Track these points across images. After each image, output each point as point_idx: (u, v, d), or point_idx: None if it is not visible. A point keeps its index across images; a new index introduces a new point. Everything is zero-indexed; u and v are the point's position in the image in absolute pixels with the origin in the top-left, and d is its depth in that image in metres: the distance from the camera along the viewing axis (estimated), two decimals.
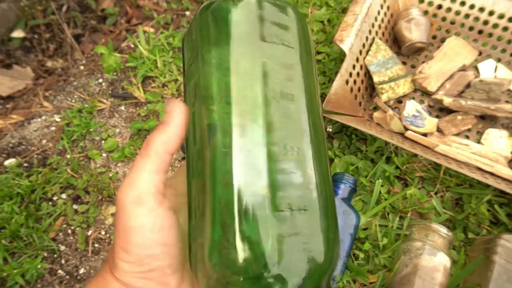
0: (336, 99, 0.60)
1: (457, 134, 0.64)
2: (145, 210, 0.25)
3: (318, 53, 0.74)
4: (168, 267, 0.26)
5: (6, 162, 0.69)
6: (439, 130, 0.64)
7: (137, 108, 0.73)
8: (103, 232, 0.62)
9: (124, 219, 0.25)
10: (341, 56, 0.71)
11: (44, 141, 0.72)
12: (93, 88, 0.78)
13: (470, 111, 0.63)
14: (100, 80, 0.79)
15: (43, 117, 0.76)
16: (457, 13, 0.71)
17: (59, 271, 0.59)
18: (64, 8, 0.97)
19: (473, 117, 0.63)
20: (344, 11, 0.78)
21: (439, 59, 0.68)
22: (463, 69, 0.68)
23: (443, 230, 0.50)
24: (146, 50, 0.77)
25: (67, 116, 0.74)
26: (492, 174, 0.57)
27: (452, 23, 0.72)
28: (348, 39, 0.63)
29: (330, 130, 0.66)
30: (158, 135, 0.26)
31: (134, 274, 0.26)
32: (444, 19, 0.72)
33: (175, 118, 0.26)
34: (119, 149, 0.68)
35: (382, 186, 0.59)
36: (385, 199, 0.58)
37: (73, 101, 0.77)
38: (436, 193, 0.59)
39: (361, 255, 0.54)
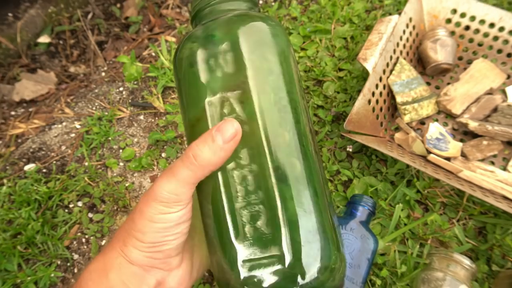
0: (358, 119, 0.59)
1: (482, 160, 0.62)
2: (176, 209, 0.28)
3: (340, 70, 0.73)
4: (174, 250, 0.29)
5: (26, 167, 0.70)
6: (463, 154, 0.62)
7: (156, 118, 0.74)
8: None
9: (154, 209, 0.27)
10: (363, 74, 0.70)
11: (63, 148, 0.73)
12: (113, 96, 0.79)
13: (496, 137, 0.61)
14: (121, 89, 0.80)
15: (64, 123, 0.77)
16: (486, 35, 0.69)
17: (72, 280, 0.59)
18: (89, 16, 0.99)
19: (499, 143, 0.61)
20: (368, 28, 0.77)
21: (465, 81, 0.66)
22: (490, 92, 0.66)
23: (467, 261, 0.48)
24: (167, 60, 0.78)
25: (87, 123, 0.74)
26: None
27: (480, 44, 0.70)
28: (372, 58, 0.62)
29: (350, 150, 0.64)
30: (209, 156, 0.27)
31: (142, 253, 0.28)
32: (471, 40, 0.70)
33: (231, 144, 0.27)
34: (136, 159, 0.68)
35: (402, 210, 0.57)
36: (405, 224, 0.56)
37: (94, 108, 0.78)
38: (458, 221, 0.57)
39: (378, 282, 0.52)
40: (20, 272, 0.58)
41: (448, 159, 0.61)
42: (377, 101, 0.62)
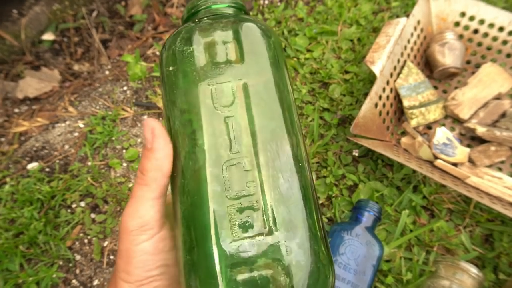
0: (364, 123, 0.58)
1: (490, 166, 0.61)
2: (148, 236, 0.26)
3: (346, 72, 0.72)
4: (166, 286, 0.27)
5: (29, 166, 0.70)
6: (470, 160, 0.61)
7: (160, 119, 0.73)
8: None
9: (127, 244, 0.26)
10: (370, 76, 0.70)
11: (66, 147, 0.73)
12: (117, 95, 0.78)
13: (504, 142, 0.60)
14: (125, 88, 0.80)
15: (67, 122, 0.76)
16: (495, 39, 0.68)
17: (73, 281, 0.58)
18: (94, 13, 0.98)
19: (507, 149, 0.60)
20: (375, 30, 0.76)
21: (473, 85, 0.65)
22: (499, 97, 0.65)
23: (473, 270, 0.48)
24: None
25: (90, 122, 0.74)
26: None
27: (489, 48, 0.69)
28: (380, 61, 0.61)
29: (356, 154, 0.64)
30: (150, 163, 0.26)
31: None
32: (480, 44, 0.69)
33: (157, 141, 0.26)
34: (139, 159, 0.68)
35: (408, 216, 0.56)
36: (411, 231, 0.56)
37: (98, 107, 0.77)
38: (465, 228, 0.57)
39: None
40: (22, 272, 0.58)
41: (455, 164, 0.60)
42: (384, 105, 0.62)
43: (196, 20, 0.29)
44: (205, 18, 0.28)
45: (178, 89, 0.27)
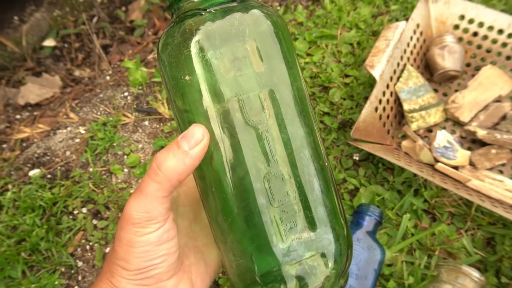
0: (365, 127, 0.58)
1: (491, 169, 0.61)
2: (153, 229, 0.26)
3: (346, 76, 0.72)
4: (166, 273, 0.27)
5: (31, 173, 0.70)
6: (471, 163, 0.61)
7: (161, 124, 0.73)
8: None
9: (129, 232, 0.26)
10: (370, 80, 0.70)
11: (68, 153, 0.73)
12: (118, 101, 0.79)
13: (505, 145, 0.60)
14: (126, 93, 0.80)
15: (69, 128, 0.76)
16: (494, 41, 0.68)
17: (76, 287, 0.58)
18: (94, 19, 0.99)
19: (508, 152, 0.60)
20: (375, 34, 0.76)
21: (473, 88, 0.65)
22: (499, 100, 0.65)
23: (475, 274, 0.48)
24: None
25: (91, 128, 0.74)
26: None
27: (488, 51, 0.69)
28: (379, 65, 0.61)
29: (357, 158, 0.64)
30: (174, 164, 0.25)
31: (132, 282, 0.26)
32: (479, 47, 0.70)
33: (197, 149, 0.25)
34: (141, 165, 0.68)
35: (409, 220, 0.56)
36: (412, 234, 0.56)
37: (99, 113, 0.78)
38: (466, 231, 0.56)
39: None
40: (24, 279, 0.58)
41: (456, 168, 0.60)
42: (384, 109, 0.62)
43: (200, 9, 0.26)
44: (210, 8, 0.25)
45: (201, 101, 0.25)
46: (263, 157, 0.25)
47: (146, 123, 0.74)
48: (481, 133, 0.61)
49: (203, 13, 0.25)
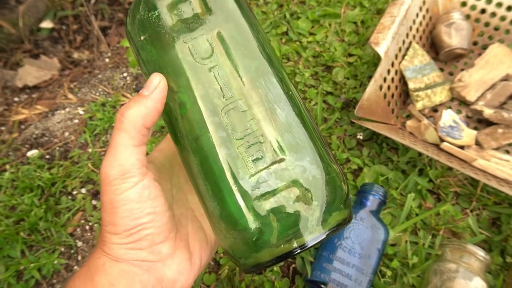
0: (369, 105, 0.57)
1: (497, 149, 0.60)
2: (131, 183, 0.25)
3: (350, 55, 0.71)
4: (158, 235, 0.27)
5: (29, 153, 0.69)
6: (477, 143, 0.60)
7: None
8: None
9: (109, 193, 0.25)
10: (374, 59, 0.68)
11: (66, 134, 0.72)
12: (117, 82, 0.77)
13: None
14: (125, 74, 0.79)
15: (67, 109, 0.75)
16: (503, 18, 0.66)
17: (75, 267, 0.58)
18: (92, 0, 0.97)
19: None
20: (379, 12, 0.74)
21: (480, 67, 0.63)
22: (506, 78, 0.63)
23: (481, 252, 0.47)
24: None
25: (90, 109, 0.73)
26: None
27: (496, 29, 0.67)
28: (384, 42, 0.59)
29: (360, 137, 0.62)
30: (137, 108, 0.25)
31: (124, 246, 0.26)
32: (487, 24, 0.68)
33: (156, 92, 0.26)
34: None
35: (413, 200, 0.55)
36: (416, 214, 0.55)
37: (97, 94, 0.76)
38: (471, 211, 0.55)
39: (389, 273, 0.51)
40: (23, 259, 0.57)
41: (461, 147, 0.59)
42: (388, 87, 0.60)
43: None
44: None
45: (156, 55, 0.27)
46: (218, 93, 0.25)
47: None
48: (488, 112, 0.60)
49: None
